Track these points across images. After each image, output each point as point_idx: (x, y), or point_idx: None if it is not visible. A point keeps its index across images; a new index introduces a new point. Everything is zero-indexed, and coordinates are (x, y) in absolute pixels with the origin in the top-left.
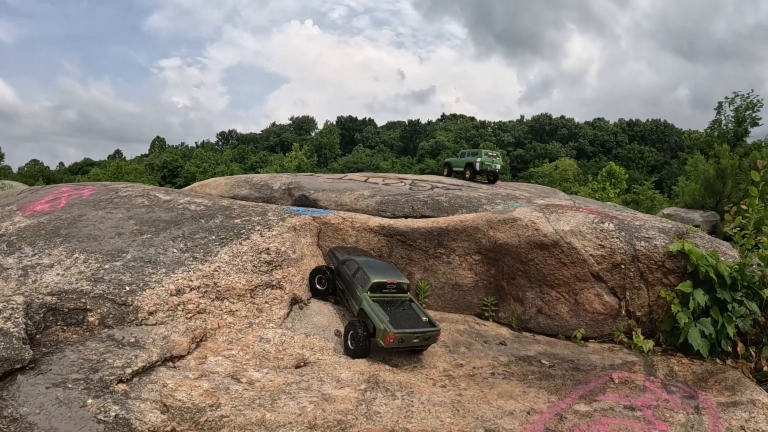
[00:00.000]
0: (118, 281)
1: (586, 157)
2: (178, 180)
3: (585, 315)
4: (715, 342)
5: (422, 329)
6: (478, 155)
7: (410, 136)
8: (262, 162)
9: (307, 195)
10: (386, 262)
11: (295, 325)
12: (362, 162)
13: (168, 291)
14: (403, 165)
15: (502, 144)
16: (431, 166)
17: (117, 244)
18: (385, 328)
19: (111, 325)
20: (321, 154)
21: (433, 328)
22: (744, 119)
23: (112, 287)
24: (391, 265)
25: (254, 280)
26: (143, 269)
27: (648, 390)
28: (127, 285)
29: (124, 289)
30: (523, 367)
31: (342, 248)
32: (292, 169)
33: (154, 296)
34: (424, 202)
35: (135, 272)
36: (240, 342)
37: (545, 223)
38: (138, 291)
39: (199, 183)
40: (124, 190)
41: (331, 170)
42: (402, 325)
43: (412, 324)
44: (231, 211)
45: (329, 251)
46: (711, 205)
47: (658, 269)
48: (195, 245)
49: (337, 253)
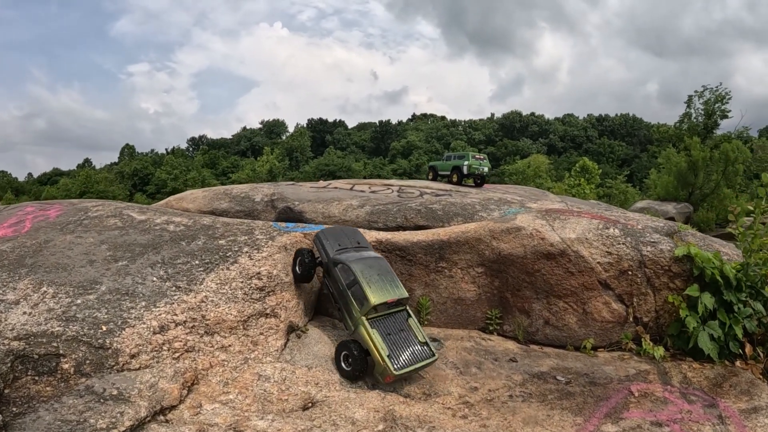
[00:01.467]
0: (92, 319)
1: (557, 153)
2: (149, 188)
3: (594, 324)
4: (724, 344)
5: (421, 363)
6: (465, 158)
7: (381, 137)
8: (234, 167)
9: (292, 207)
10: (382, 262)
11: (295, 357)
12: (334, 164)
13: (150, 328)
14: (374, 166)
15: (473, 142)
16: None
17: (89, 273)
18: (386, 368)
19: (89, 373)
20: (292, 157)
21: (430, 358)
22: (713, 112)
23: (86, 327)
24: (389, 270)
25: (246, 310)
26: (120, 303)
27: (669, 402)
28: (104, 324)
29: (101, 329)
30: (540, 386)
31: (331, 233)
32: (264, 173)
33: (135, 336)
34: (417, 211)
35: (111, 307)
36: (237, 383)
37: (551, 232)
38: (116, 330)
39: (175, 197)
40: (95, 209)
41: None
42: (402, 361)
43: (411, 356)
44: (214, 231)
45: (315, 237)
46: (684, 197)
47: (664, 274)
48: (177, 272)
49: (325, 242)
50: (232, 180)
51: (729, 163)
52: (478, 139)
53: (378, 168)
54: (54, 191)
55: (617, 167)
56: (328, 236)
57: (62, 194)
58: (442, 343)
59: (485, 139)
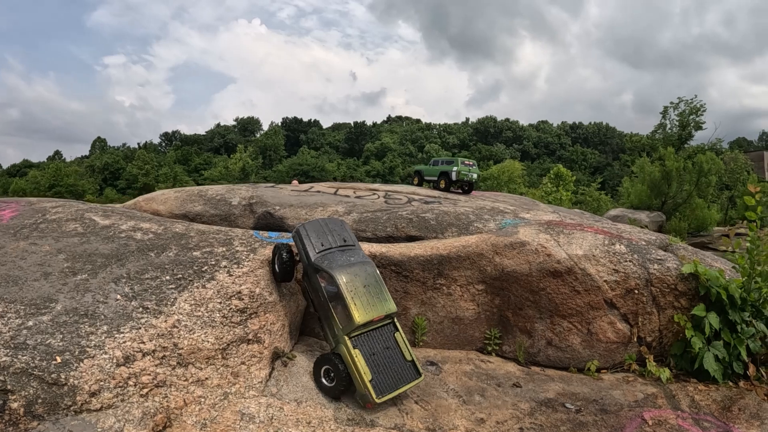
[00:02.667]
0: (45, 347)
1: (530, 159)
2: (119, 182)
3: (598, 345)
4: (728, 365)
5: (407, 386)
6: (454, 164)
7: (356, 137)
8: (207, 164)
9: (272, 212)
10: (369, 268)
11: (282, 390)
12: (307, 164)
13: (113, 359)
14: (348, 167)
15: (447, 146)
16: (377, 168)
17: (43, 289)
18: (367, 395)
19: (41, 414)
20: (266, 155)
21: (416, 379)
22: (688, 123)
23: (38, 357)
24: (377, 279)
25: (225, 336)
26: (78, 327)
27: (684, 430)
28: (58, 353)
29: (55, 361)
30: (550, 416)
31: (313, 228)
32: (237, 171)
33: (96, 369)
34: (409, 220)
35: (67, 332)
36: (216, 424)
37: (557, 248)
38: (73, 362)
39: (144, 197)
40: (54, 211)
41: (276, 172)
42: (385, 385)
43: (395, 378)
44: (188, 241)
45: (295, 232)
46: (657, 206)
47: (670, 292)
48: (144, 289)
49: (306, 241)
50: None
51: (702, 174)
52: (452, 143)
53: (351, 169)
54: (23, 183)
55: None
56: (309, 232)
57: (31, 187)
58: (440, 368)
59: (459, 143)
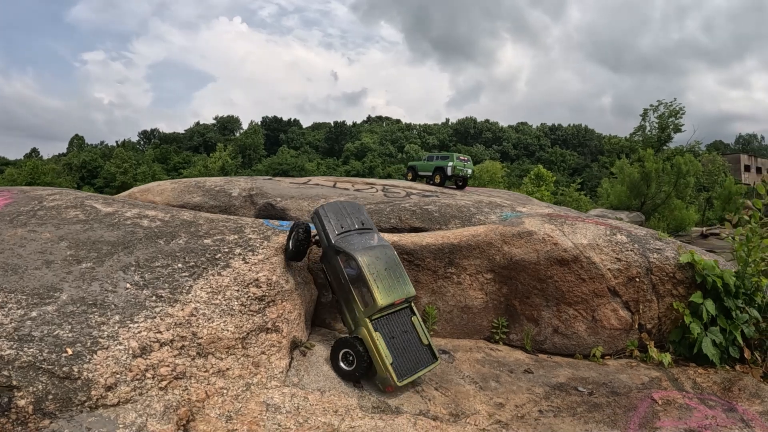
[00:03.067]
0: (53, 339)
1: (510, 160)
2: (97, 181)
3: (603, 332)
4: (724, 349)
5: (425, 369)
6: (450, 159)
7: (336, 137)
8: (186, 162)
9: (274, 203)
10: (389, 251)
11: (303, 379)
12: (287, 163)
13: (129, 351)
14: (328, 167)
15: (427, 146)
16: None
17: (46, 277)
18: (388, 378)
19: (53, 412)
20: (245, 155)
21: (433, 363)
22: (667, 126)
23: (46, 350)
24: (397, 262)
25: (245, 325)
26: (87, 317)
27: (693, 408)
28: (68, 345)
29: (65, 353)
30: (565, 399)
31: (333, 210)
32: (216, 170)
33: (111, 361)
34: (412, 212)
35: (76, 322)
36: (242, 417)
37: (562, 237)
38: (85, 354)
39: (139, 188)
40: (51, 198)
41: (256, 171)
42: (405, 369)
43: (414, 362)
44: (197, 228)
45: (314, 213)
46: (636, 206)
47: (669, 281)
48: (156, 278)
49: (326, 222)
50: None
51: (681, 175)
52: (432, 143)
53: (331, 169)
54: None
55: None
56: (329, 214)
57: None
58: (453, 356)
59: (439, 143)
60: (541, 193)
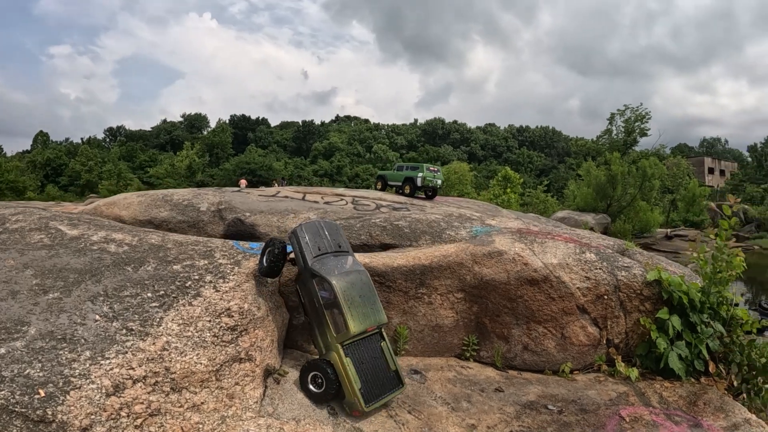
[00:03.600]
0: (24, 379)
1: (477, 161)
2: (62, 179)
3: (571, 348)
4: (690, 363)
5: (391, 395)
6: (420, 170)
7: (304, 136)
8: (152, 161)
9: (243, 219)
10: (364, 277)
11: (278, 409)
12: (255, 162)
13: (102, 389)
14: (296, 166)
15: (395, 146)
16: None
17: (12, 310)
18: (356, 403)
19: None
20: (213, 153)
21: (399, 388)
22: (633, 130)
23: (18, 392)
24: (371, 289)
25: (218, 356)
26: (58, 354)
27: (659, 425)
28: (40, 385)
29: (38, 395)
30: (535, 418)
31: (311, 230)
32: (183, 168)
33: (84, 401)
34: (383, 228)
35: (46, 360)
36: None
37: (532, 257)
38: (58, 395)
39: (105, 201)
40: (14, 219)
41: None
42: (373, 394)
43: (381, 387)
44: (166, 253)
45: (292, 233)
46: (602, 208)
47: (636, 297)
48: (125, 308)
49: (303, 243)
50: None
51: (646, 178)
52: (400, 143)
53: (299, 168)
54: None
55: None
56: (306, 235)
57: None
58: (425, 376)
59: (407, 144)
60: (508, 195)
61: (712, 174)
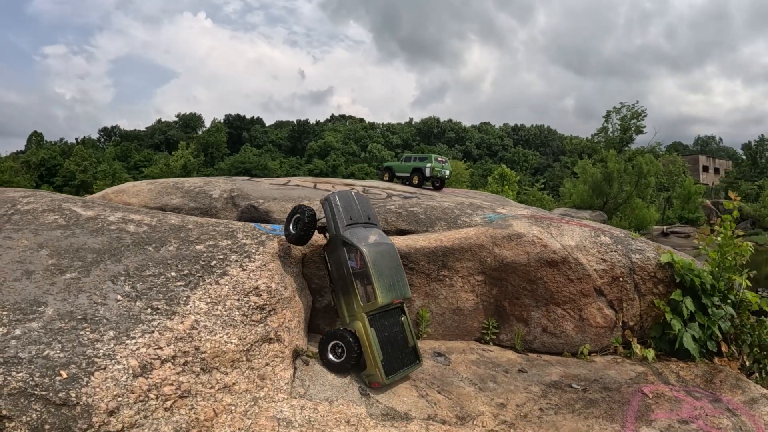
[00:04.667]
0: (44, 360)
1: (473, 160)
2: (56, 179)
3: (589, 330)
4: (703, 344)
5: (409, 369)
6: (428, 161)
7: (299, 136)
8: (147, 161)
9: (257, 206)
10: (392, 251)
11: (309, 390)
12: (250, 162)
13: (129, 370)
14: (291, 165)
15: (390, 146)
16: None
17: (27, 290)
18: (377, 375)
19: None
20: (208, 153)
21: (416, 363)
22: (629, 127)
23: (37, 374)
24: (399, 263)
25: (248, 336)
26: (79, 334)
27: (682, 400)
28: (62, 367)
29: (59, 376)
30: (561, 396)
31: (344, 199)
32: (178, 168)
33: (110, 382)
34: (398, 214)
35: (67, 341)
36: None
37: (551, 239)
38: (82, 377)
39: (113, 189)
40: (25, 201)
41: (219, 170)
42: (393, 367)
43: (400, 361)
44: (187, 233)
45: (326, 200)
46: (599, 206)
47: (650, 279)
48: (149, 288)
49: (336, 211)
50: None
51: (642, 175)
52: (395, 142)
53: (294, 168)
54: None
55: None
56: (340, 202)
57: None
58: (448, 358)
59: (403, 143)
60: (505, 192)
61: (707, 172)
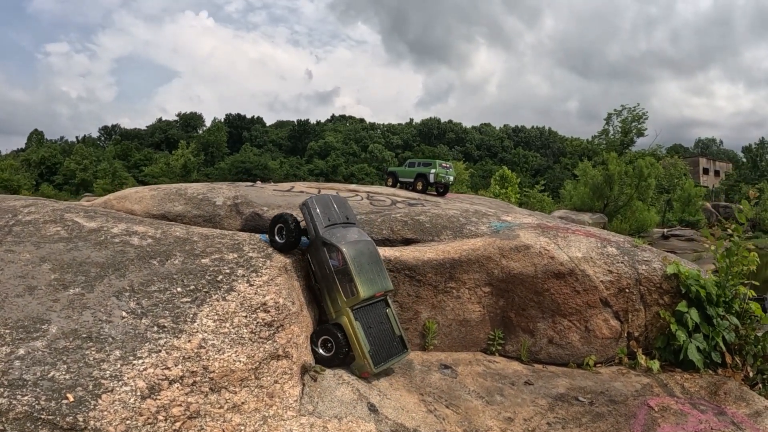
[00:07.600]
0: (50, 383)
1: (473, 161)
2: (56, 178)
3: (595, 341)
4: (707, 355)
5: (396, 358)
6: (432, 166)
7: (299, 136)
8: (147, 160)
9: (261, 213)
10: (371, 247)
11: (318, 407)
12: (250, 161)
13: (137, 392)
14: (291, 165)
15: (391, 146)
16: (320, 167)
17: (30, 306)
18: (365, 365)
19: None
20: (208, 152)
21: (403, 353)
22: (630, 130)
23: (43, 397)
24: (378, 258)
25: (257, 353)
26: (84, 354)
27: (687, 413)
28: (68, 389)
29: (66, 400)
30: (569, 410)
31: (321, 202)
32: (178, 168)
33: (118, 405)
34: (404, 223)
35: (72, 361)
36: None
37: (558, 251)
38: (89, 399)
39: (115, 195)
40: (26, 211)
41: (219, 169)
42: (380, 357)
43: (388, 351)
44: (192, 246)
45: (304, 205)
46: (599, 208)
47: (656, 290)
48: (154, 304)
49: (314, 214)
50: (144, 173)
51: (643, 178)
52: (396, 143)
53: (295, 168)
54: None
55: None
56: (317, 206)
57: None
58: (455, 371)
59: (403, 143)
60: (507, 194)
61: (707, 174)
